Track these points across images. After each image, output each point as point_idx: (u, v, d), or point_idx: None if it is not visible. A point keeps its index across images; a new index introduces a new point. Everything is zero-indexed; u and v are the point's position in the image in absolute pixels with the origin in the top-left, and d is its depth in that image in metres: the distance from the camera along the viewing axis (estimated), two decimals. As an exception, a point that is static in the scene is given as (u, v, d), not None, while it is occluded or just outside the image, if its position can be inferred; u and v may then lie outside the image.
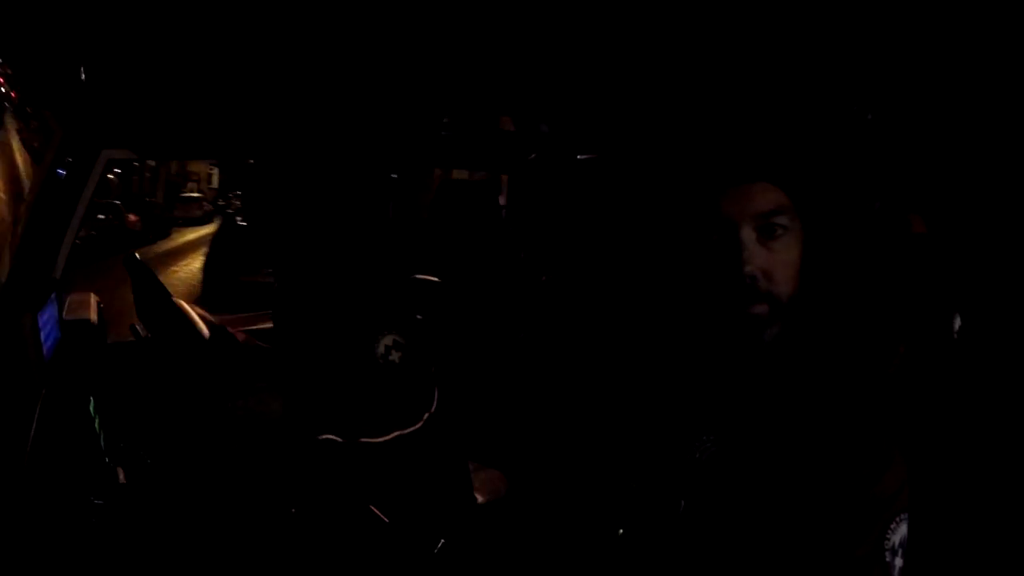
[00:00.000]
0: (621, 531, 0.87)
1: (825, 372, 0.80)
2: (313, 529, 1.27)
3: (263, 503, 1.31)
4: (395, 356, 1.32)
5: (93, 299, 1.74)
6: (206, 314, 1.57)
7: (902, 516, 0.72)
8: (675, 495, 0.82)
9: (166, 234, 19.40)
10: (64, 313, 1.65)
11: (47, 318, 1.33)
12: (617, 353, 0.98)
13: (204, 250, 9.73)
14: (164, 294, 1.57)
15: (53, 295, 1.44)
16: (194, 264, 12.14)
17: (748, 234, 0.78)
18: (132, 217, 17.70)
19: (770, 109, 1.22)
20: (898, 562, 0.71)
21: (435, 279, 2.00)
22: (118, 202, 17.71)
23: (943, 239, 1.29)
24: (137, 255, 1.61)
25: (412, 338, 1.35)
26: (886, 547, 0.70)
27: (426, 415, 1.38)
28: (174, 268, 12.47)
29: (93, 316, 1.68)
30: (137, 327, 1.70)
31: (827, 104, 1.27)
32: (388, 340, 1.32)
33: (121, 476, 1.26)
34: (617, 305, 1.35)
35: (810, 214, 0.80)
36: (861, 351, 0.85)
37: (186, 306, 1.55)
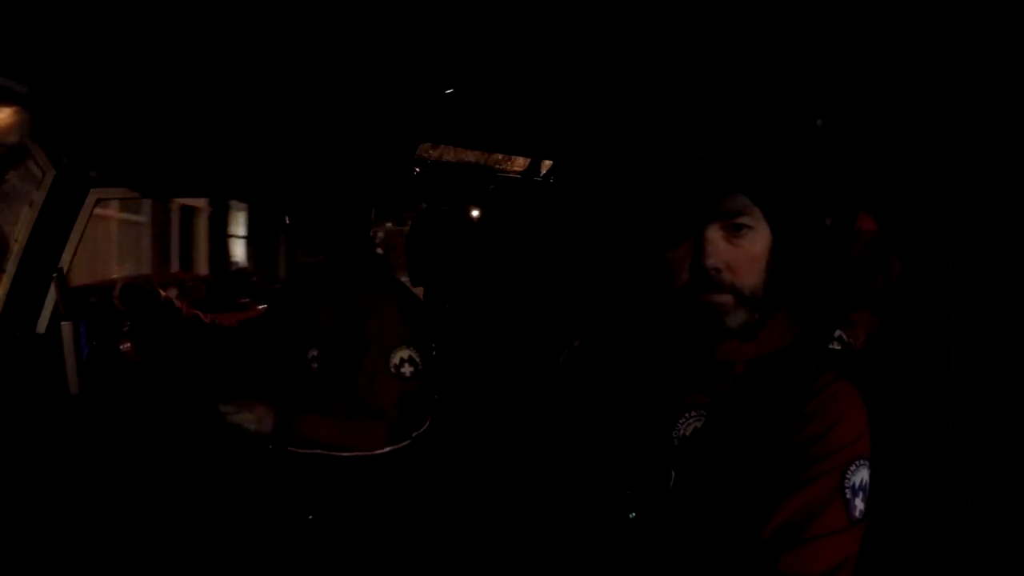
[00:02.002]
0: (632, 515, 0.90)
1: (786, 350, 0.88)
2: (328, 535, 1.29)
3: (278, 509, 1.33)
4: (407, 370, 1.38)
5: None
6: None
7: (860, 461, 0.79)
8: (665, 469, 0.88)
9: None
10: None
11: (82, 331, 1.59)
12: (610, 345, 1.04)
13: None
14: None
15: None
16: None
17: (715, 232, 0.86)
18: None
19: (737, 128, 1.33)
20: (859, 503, 0.78)
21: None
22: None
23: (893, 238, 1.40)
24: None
25: (426, 358, 1.42)
26: (845, 486, 0.77)
27: (415, 434, 1.43)
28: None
29: None
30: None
31: (785, 115, 1.39)
32: (404, 354, 1.38)
33: None
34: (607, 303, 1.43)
35: (775, 216, 0.88)
36: (820, 331, 0.93)
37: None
